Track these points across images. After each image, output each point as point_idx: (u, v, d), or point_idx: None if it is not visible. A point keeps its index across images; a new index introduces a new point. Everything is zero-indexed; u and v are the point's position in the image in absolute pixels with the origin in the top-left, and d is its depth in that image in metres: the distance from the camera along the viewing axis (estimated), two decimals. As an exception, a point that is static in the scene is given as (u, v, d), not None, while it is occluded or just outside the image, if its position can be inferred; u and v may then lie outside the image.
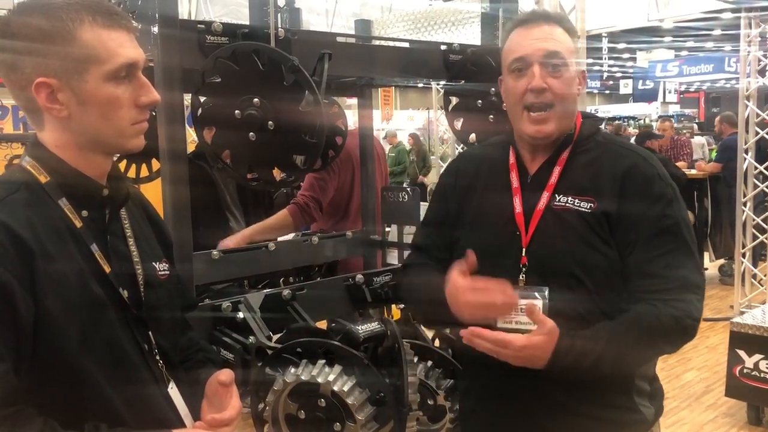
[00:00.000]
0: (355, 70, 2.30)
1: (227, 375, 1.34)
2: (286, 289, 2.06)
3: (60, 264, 1.14)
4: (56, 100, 1.16)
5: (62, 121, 1.18)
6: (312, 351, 1.70)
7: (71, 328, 1.14)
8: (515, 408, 1.60)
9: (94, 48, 1.15)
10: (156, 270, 1.34)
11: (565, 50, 1.54)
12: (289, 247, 2.82)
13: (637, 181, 1.51)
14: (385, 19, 3.14)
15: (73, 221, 1.20)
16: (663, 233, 1.49)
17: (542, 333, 1.41)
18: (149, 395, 1.26)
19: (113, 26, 1.18)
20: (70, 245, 1.17)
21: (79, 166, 1.22)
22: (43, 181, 1.19)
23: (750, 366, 4.07)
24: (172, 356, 1.34)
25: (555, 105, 1.53)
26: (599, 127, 1.65)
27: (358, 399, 1.62)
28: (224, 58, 1.80)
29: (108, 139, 1.22)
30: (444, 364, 1.99)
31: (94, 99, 1.17)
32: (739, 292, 6.35)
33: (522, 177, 1.62)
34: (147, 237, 1.37)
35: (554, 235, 1.54)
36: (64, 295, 1.13)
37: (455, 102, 2.52)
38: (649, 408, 1.59)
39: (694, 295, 1.49)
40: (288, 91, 1.80)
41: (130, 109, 1.21)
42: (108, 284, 1.21)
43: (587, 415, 1.55)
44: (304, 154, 1.87)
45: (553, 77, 1.52)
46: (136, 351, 1.25)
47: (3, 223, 1.10)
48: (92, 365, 1.16)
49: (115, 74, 1.17)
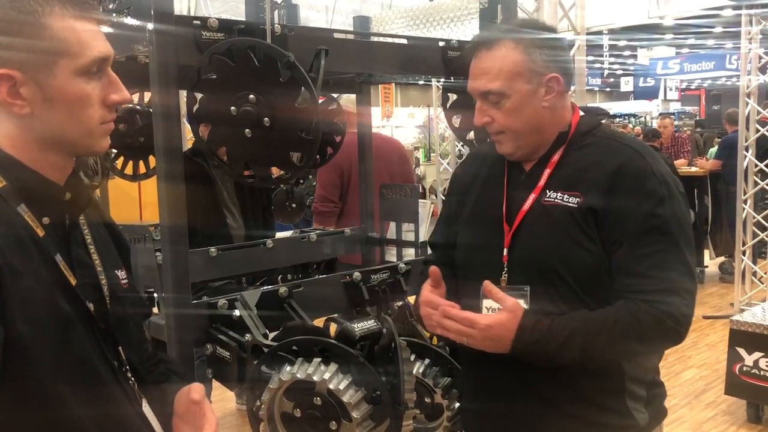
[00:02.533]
0: (353, 67, 2.30)
1: (198, 392, 1.23)
2: (283, 287, 2.05)
3: (27, 279, 1.02)
4: (18, 95, 1.04)
5: (22, 118, 1.06)
6: (308, 349, 1.70)
7: (42, 348, 1.03)
8: (508, 407, 1.59)
9: (66, 40, 1.04)
10: (119, 278, 1.23)
11: (503, 79, 1.50)
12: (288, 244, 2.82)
13: (628, 177, 1.48)
14: (384, 16, 3.14)
15: (35, 230, 1.07)
16: (651, 232, 1.45)
17: (505, 310, 1.42)
18: (124, 415, 1.16)
19: (85, 17, 1.07)
20: (34, 257, 1.05)
21: (38, 168, 1.09)
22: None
23: (750, 364, 4.06)
24: (142, 371, 1.25)
25: (503, 131, 1.54)
26: (600, 122, 1.61)
27: (354, 397, 1.61)
28: (220, 54, 1.80)
29: (74, 139, 1.10)
30: (441, 362, 1.98)
31: (62, 95, 1.06)
32: (739, 289, 6.34)
33: (516, 176, 1.61)
34: (106, 243, 1.26)
35: (538, 232, 1.53)
36: (34, 313, 1.02)
37: (453, 99, 2.51)
38: (642, 413, 1.56)
39: (680, 298, 1.44)
40: (284, 88, 1.79)
41: (99, 108, 1.10)
42: (74, 298, 1.09)
43: (578, 416, 1.53)
44: (300, 151, 1.86)
45: (494, 109, 1.53)
46: (107, 368, 1.14)
47: None
48: (64, 387, 1.05)
49: (87, 69, 1.07)
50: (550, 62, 1.51)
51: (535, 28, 1.56)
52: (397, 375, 1.67)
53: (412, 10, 2.95)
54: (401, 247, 2.88)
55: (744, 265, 6.35)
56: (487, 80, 1.51)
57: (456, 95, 2.48)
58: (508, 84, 1.50)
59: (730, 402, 4.37)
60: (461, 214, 1.70)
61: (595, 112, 1.66)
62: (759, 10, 6.05)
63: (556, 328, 1.42)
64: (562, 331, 1.42)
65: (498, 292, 1.44)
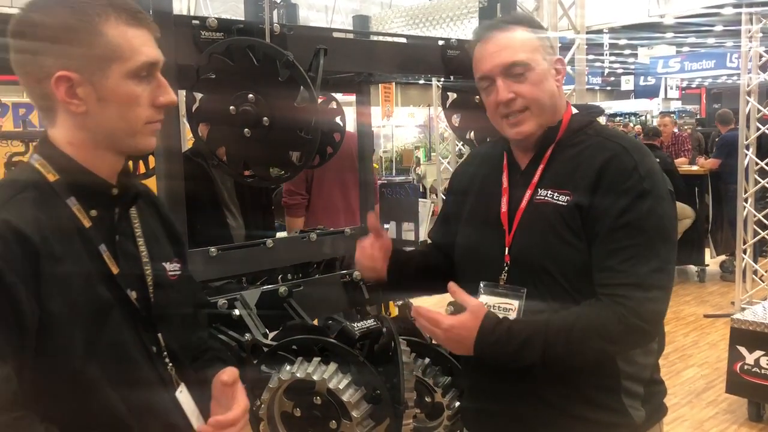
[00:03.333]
0: (352, 66, 2.29)
1: (230, 374, 1.31)
2: (283, 286, 2.05)
3: (66, 265, 1.11)
4: (75, 95, 1.14)
5: (77, 117, 1.16)
6: (308, 348, 1.69)
7: (76, 330, 1.11)
8: (506, 406, 1.59)
9: (119, 45, 1.14)
10: (166, 270, 1.31)
11: (526, 52, 1.52)
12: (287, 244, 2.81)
13: (612, 173, 1.47)
14: (383, 15, 3.14)
15: (82, 221, 1.17)
16: (625, 227, 1.44)
17: (468, 311, 1.43)
18: (156, 399, 1.23)
19: (137, 25, 1.17)
20: (77, 246, 1.15)
21: (89, 165, 1.19)
22: (51, 180, 1.17)
23: (751, 362, 4.06)
24: (182, 358, 1.31)
25: (529, 106, 1.54)
26: (592, 120, 1.61)
27: (354, 397, 1.61)
28: (219, 53, 1.79)
29: (122, 137, 1.20)
30: (441, 362, 1.98)
31: (114, 95, 1.16)
32: (740, 288, 6.34)
33: (513, 175, 1.62)
34: (157, 236, 1.34)
35: (531, 231, 1.53)
36: (69, 297, 1.11)
37: (453, 98, 2.50)
38: (639, 411, 1.56)
39: (646, 293, 1.42)
40: (283, 87, 1.79)
41: (147, 108, 1.20)
42: (115, 286, 1.18)
43: (574, 414, 1.53)
44: (299, 150, 1.86)
45: (519, 83, 1.52)
46: (144, 354, 1.22)
47: (9, 224, 1.07)
48: (97, 369, 1.13)
49: (137, 72, 1.17)
50: (554, 48, 1.56)
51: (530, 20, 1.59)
52: (397, 374, 1.67)
53: (411, 9, 2.95)
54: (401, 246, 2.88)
55: (745, 263, 6.35)
56: (510, 52, 1.52)
57: (456, 94, 2.48)
58: (531, 56, 1.52)
59: (731, 400, 4.37)
60: (461, 213, 1.71)
61: (588, 110, 1.66)
62: (759, 9, 6.05)
63: (517, 329, 1.43)
64: (522, 331, 1.43)
65: (461, 293, 1.46)
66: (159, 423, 1.22)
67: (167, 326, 1.28)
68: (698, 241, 7.49)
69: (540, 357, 1.42)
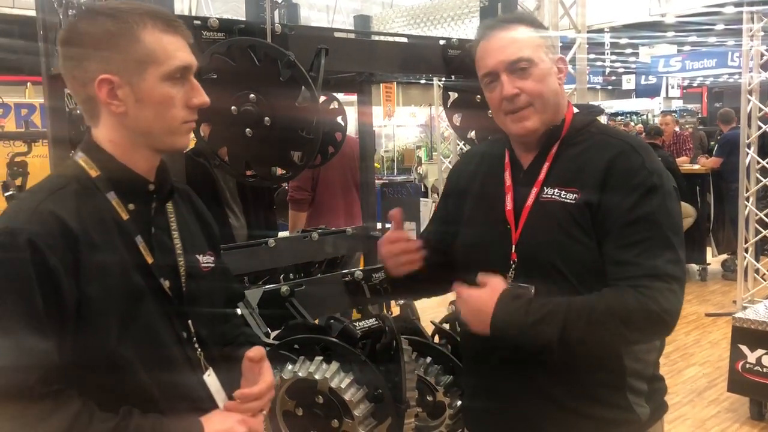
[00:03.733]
0: (353, 66, 2.30)
1: (256, 351, 1.38)
2: (285, 286, 2.05)
3: (104, 253, 1.21)
4: (115, 96, 1.24)
5: (118, 117, 1.26)
6: (310, 347, 1.70)
7: (111, 314, 1.20)
8: (510, 404, 1.59)
9: (154, 50, 1.24)
10: (199, 262, 1.40)
11: (529, 48, 1.53)
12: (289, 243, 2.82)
13: (620, 170, 1.48)
14: (384, 15, 3.14)
15: (120, 214, 1.27)
16: (637, 222, 1.45)
17: (488, 285, 1.46)
18: (184, 381, 1.31)
19: (172, 32, 1.26)
20: (115, 236, 1.25)
21: (128, 162, 1.29)
22: (93, 175, 1.27)
23: (752, 361, 4.06)
24: (211, 344, 1.39)
25: (533, 102, 1.55)
26: (594, 119, 1.62)
27: (356, 396, 1.61)
28: (220, 53, 1.80)
29: (159, 136, 1.29)
30: (443, 361, 1.98)
31: (150, 97, 1.25)
32: (741, 287, 6.33)
33: (516, 173, 1.62)
34: (192, 230, 1.43)
35: (539, 228, 1.53)
36: (105, 282, 1.20)
37: (454, 97, 2.51)
38: (644, 407, 1.56)
39: (666, 284, 1.42)
40: (284, 87, 1.79)
41: (182, 109, 1.28)
42: (149, 274, 1.27)
43: (580, 411, 1.54)
44: (300, 150, 1.86)
45: (523, 79, 1.53)
46: (174, 339, 1.31)
47: (52, 213, 1.18)
48: (130, 351, 1.22)
49: (171, 75, 1.25)
50: (555, 47, 1.57)
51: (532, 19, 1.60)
52: (399, 373, 1.67)
53: (412, 8, 2.95)
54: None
55: (746, 262, 6.34)
56: (515, 49, 1.53)
57: (457, 94, 2.48)
58: (535, 52, 1.54)
59: (733, 399, 4.37)
60: (460, 213, 1.70)
61: (589, 109, 1.67)
62: (760, 7, 6.05)
63: (538, 303, 1.44)
64: (544, 306, 1.43)
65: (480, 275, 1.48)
66: (186, 403, 1.30)
67: (197, 314, 1.37)
68: (700, 240, 7.48)
69: (558, 334, 1.41)
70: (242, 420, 1.31)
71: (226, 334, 1.49)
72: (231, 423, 1.29)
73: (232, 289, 1.59)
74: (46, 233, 1.15)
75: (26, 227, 1.15)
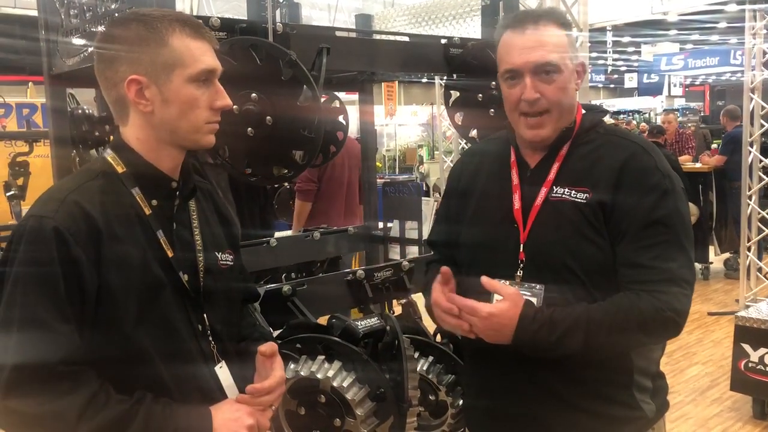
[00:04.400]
0: (355, 65, 2.30)
1: (268, 347, 1.42)
2: (287, 285, 2.05)
3: (126, 245, 1.27)
4: (143, 96, 1.30)
5: (146, 116, 1.32)
6: (312, 347, 1.70)
7: (130, 303, 1.26)
8: (515, 403, 1.59)
9: (182, 54, 1.30)
10: (217, 259, 1.45)
11: (557, 52, 1.51)
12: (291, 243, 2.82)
13: (634, 172, 1.49)
14: (386, 14, 3.14)
15: (143, 208, 1.33)
16: (654, 225, 1.46)
17: (506, 299, 1.43)
18: (196, 371, 1.36)
19: (198, 37, 1.33)
20: (137, 229, 1.31)
21: (153, 160, 1.35)
22: (119, 171, 1.33)
23: (755, 360, 4.06)
24: (225, 338, 1.44)
25: (551, 109, 1.53)
26: (601, 119, 1.62)
27: (358, 395, 1.61)
28: (222, 53, 1.79)
29: (184, 135, 1.34)
30: (445, 360, 1.98)
31: (176, 97, 1.31)
32: (744, 285, 6.32)
33: (522, 172, 1.61)
34: (213, 228, 1.48)
35: (549, 228, 1.53)
36: (126, 273, 1.26)
37: (456, 96, 2.50)
38: (649, 404, 1.57)
39: (680, 289, 1.45)
40: (286, 86, 1.79)
41: (206, 110, 1.34)
42: (169, 267, 1.33)
43: (586, 409, 1.54)
44: (302, 149, 1.86)
45: (546, 84, 1.51)
46: (189, 331, 1.36)
47: (78, 204, 1.25)
48: (146, 339, 1.28)
49: (196, 78, 1.31)
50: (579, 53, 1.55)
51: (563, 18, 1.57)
52: (401, 372, 1.67)
53: (414, 7, 2.95)
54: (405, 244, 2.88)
55: (749, 261, 6.33)
56: (545, 52, 1.50)
57: (458, 93, 2.48)
58: (563, 59, 1.52)
59: (736, 398, 4.36)
60: (464, 212, 1.69)
61: (596, 110, 1.67)
62: (763, 5, 6.03)
63: (558, 318, 1.43)
64: (565, 320, 1.43)
65: (496, 284, 1.45)
66: (197, 392, 1.35)
67: (213, 308, 1.42)
68: (702, 239, 7.47)
69: (581, 347, 1.43)
70: (251, 412, 1.35)
71: (241, 330, 1.54)
72: (239, 414, 1.33)
73: (248, 288, 1.65)
74: (71, 223, 1.22)
75: (53, 216, 1.22)
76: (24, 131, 5.66)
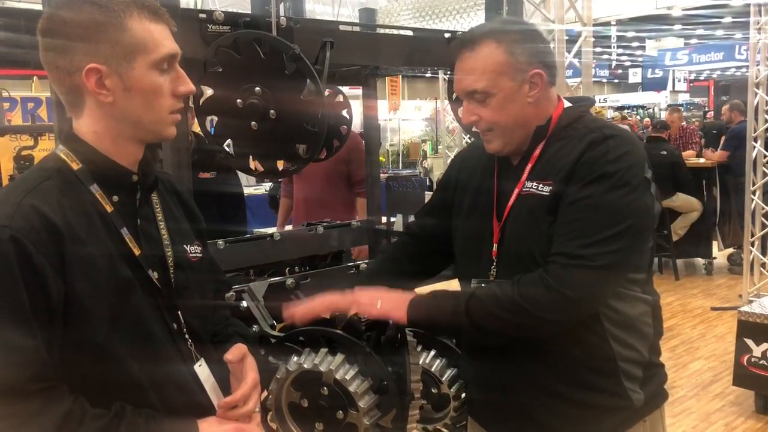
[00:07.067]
0: (359, 59, 2.30)
1: (234, 353, 1.38)
2: (290, 278, 2.06)
3: (89, 247, 1.19)
4: (103, 86, 1.21)
5: (105, 107, 1.23)
6: (315, 339, 1.71)
7: (100, 308, 1.18)
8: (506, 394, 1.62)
9: (143, 38, 1.22)
10: (186, 252, 1.39)
11: (488, 78, 1.52)
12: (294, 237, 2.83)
13: (584, 162, 1.49)
14: (390, 8, 3.13)
15: (104, 206, 1.25)
16: (573, 204, 1.46)
17: None
18: (175, 373, 1.31)
19: (157, 20, 1.25)
20: (100, 229, 1.22)
21: (110, 154, 1.27)
22: (75, 168, 1.24)
23: (758, 355, 4.06)
24: (202, 335, 1.39)
25: (492, 128, 1.57)
26: (582, 113, 1.61)
27: (361, 387, 1.62)
28: (225, 47, 1.80)
29: (147, 126, 1.27)
30: (447, 353, 1.99)
31: (139, 85, 1.23)
32: (747, 281, 6.32)
33: (505, 170, 1.65)
34: (178, 221, 1.42)
35: (518, 223, 1.56)
36: (92, 276, 1.18)
37: (459, 90, 2.50)
38: (638, 393, 1.58)
39: (571, 261, 1.43)
40: (289, 80, 1.79)
41: (169, 98, 1.27)
42: (137, 266, 1.26)
43: (573, 399, 1.56)
44: (305, 143, 1.87)
45: (482, 107, 1.56)
46: (164, 330, 1.30)
47: (35, 208, 1.15)
48: (120, 344, 1.21)
49: (159, 63, 1.24)
50: (532, 58, 1.54)
51: (516, 24, 1.60)
52: (404, 365, 1.67)
53: (417, 1, 2.95)
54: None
55: (752, 256, 6.33)
56: (472, 80, 1.55)
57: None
58: (492, 83, 1.53)
59: (738, 393, 4.37)
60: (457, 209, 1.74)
61: (579, 102, 1.66)
62: (768, 0, 6.01)
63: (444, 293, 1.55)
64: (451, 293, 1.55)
65: None
66: (178, 394, 1.30)
67: (188, 305, 1.36)
68: (706, 234, 7.47)
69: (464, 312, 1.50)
70: (237, 428, 1.31)
71: (214, 324, 1.49)
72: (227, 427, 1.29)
73: (219, 279, 1.59)
74: (29, 229, 1.12)
75: (9, 224, 1.12)
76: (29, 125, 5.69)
